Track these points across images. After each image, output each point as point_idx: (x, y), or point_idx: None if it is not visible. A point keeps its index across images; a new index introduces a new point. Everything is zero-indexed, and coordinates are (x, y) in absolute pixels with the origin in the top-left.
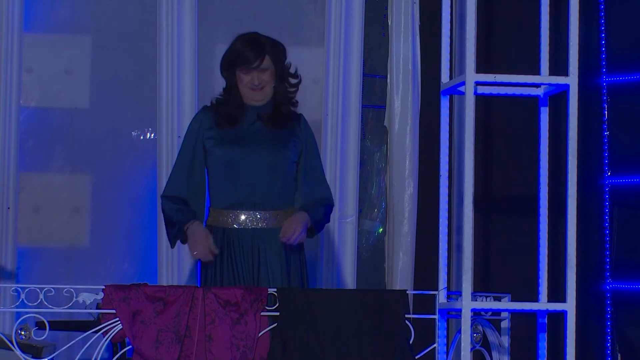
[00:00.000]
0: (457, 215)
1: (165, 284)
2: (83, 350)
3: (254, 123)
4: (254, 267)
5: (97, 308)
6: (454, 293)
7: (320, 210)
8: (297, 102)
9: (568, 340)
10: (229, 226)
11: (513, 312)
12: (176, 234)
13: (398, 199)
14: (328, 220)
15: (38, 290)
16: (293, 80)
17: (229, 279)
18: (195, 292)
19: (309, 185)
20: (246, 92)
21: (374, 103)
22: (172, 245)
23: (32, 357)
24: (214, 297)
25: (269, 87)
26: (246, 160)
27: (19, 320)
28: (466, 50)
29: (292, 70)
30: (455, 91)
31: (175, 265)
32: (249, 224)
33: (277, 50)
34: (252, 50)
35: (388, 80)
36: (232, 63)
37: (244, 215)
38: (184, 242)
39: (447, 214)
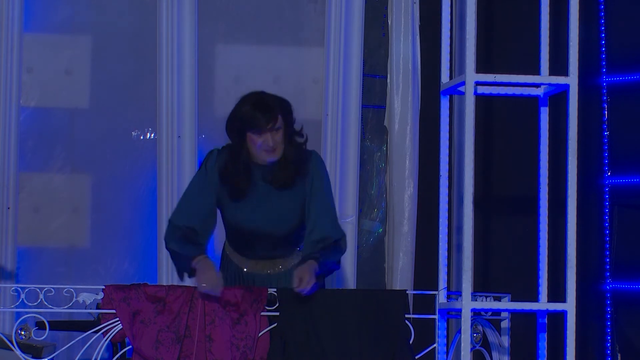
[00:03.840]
0: (457, 215)
1: (165, 284)
2: (83, 350)
3: (262, 188)
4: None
5: (97, 308)
6: (454, 293)
7: (327, 255)
8: (306, 140)
9: (568, 340)
10: (240, 266)
11: (513, 312)
12: (184, 268)
13: (398, 199)
14: (338, 265)
15: (38, 290)
16: (300, 139)
17: None
18: (195, 292)
19: (313, 222)
20: (258, 153)
21: (374, 103)
22: (181, 278)
23: (32, 357)
24: (214, 297)
25: (281, 147)
26: (256, 227)
27: (19, 320)
28: (466, 50)
29: (297, 128)
30: (455, 91)
31: None
32: (260, 271)
33: (286, 109)
34: (264, 111)
35: (388, 80)
36: (242, 126)
37: (254, 263)
38: (191, 275)
39: (447, 214)
